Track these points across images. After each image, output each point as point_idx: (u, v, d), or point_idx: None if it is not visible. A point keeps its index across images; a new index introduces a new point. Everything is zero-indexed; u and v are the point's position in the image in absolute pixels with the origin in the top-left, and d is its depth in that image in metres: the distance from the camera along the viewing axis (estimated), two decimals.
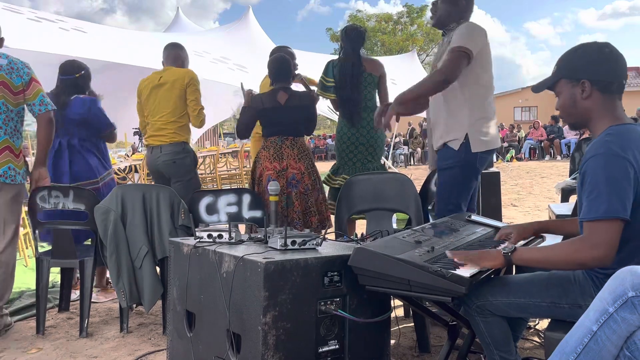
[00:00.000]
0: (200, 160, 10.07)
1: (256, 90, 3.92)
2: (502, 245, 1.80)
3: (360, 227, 3.79)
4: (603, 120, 1.68)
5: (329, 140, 26.17)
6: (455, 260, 1.72)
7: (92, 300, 3.49)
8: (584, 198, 1.58)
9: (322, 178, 3.70)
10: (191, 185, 3.65)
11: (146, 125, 3.74)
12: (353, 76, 3.61)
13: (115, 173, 7.36)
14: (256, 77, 7.20)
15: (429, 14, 3.23)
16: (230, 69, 7.07)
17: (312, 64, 8.46)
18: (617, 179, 1.52)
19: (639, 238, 1.61)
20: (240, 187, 8.52)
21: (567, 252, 1.59)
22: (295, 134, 3.48)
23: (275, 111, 3.42)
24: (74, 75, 3.61)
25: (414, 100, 2.66)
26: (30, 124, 6.20)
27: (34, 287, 3.17)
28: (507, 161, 16.63)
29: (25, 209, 4.92)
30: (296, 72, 3.85)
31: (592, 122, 1.72)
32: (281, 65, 3.54)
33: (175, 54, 3.79)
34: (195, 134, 13.39)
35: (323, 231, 3.33)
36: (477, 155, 2.67)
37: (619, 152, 1.54)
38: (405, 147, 19.21)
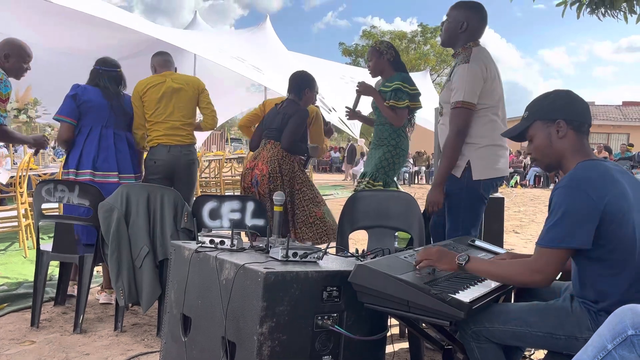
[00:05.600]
0: (205, 164, 10.10)
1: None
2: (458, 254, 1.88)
3: (361, 242, 3.78)
4: (574, 158, 1.80)
5: (332, 152, 26.19)
6: (417, 259, 1.89)
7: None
8: (544, 224, 1.70)
9: (357, 186, 3.63)
10: (193, 187, 3.84)
11: (144, 125, 3.66)
12: None
13: None
14: (271, 79, 7.32)
15: None
16: (246, 67, 7.14)
17: (324, 73, 8.52)
18: (575, 210, 1.62)
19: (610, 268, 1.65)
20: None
21: (511, 271, 1.75)
22: (277, 139, 3.56)
23: (269, 116, 3.68)
24: (117, 70, 3.62)
25: (449, 165, 2.69)
26: (40, 116, 6.26)
27: (32, 278, 3.17)
28: (512, 187, 16.64)
29: (29, 199, 4.95)
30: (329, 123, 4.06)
31: (564, 161, 1.83)
32: (293, 79, 3.74)
33: (164, 60, 3.80)
34: (202, 137, 13.34)
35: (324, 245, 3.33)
36: (479, 182, 2.65)
37: (580, 185, 1.65)
38: (411, 165, 19.17)
